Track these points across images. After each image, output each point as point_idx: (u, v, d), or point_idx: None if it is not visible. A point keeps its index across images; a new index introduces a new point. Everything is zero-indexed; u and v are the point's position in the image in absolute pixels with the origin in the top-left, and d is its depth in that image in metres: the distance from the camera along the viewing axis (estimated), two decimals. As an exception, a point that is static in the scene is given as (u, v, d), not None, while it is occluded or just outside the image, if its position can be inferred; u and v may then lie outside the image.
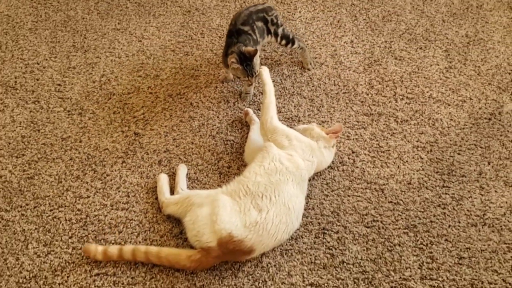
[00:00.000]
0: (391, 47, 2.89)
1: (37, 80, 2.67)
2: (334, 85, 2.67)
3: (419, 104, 2.58)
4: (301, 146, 2.15)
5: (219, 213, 1.91)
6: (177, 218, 2.09)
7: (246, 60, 2.25)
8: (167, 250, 1.96)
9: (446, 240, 2.08)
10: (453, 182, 2.27)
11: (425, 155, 2.37)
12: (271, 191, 1.97)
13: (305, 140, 2.18)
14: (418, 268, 1.99)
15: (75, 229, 2.09)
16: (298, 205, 2.02)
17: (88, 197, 2.20)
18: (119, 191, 2.22)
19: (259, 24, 2.46)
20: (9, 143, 2.39)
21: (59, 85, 2.65)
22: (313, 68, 2.71)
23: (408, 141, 2.42)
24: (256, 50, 2.24)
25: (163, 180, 2.20)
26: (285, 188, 1.99)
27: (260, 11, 2.48)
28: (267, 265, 1.99)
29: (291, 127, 2.27)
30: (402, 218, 2.14)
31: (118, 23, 3.02)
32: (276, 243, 1.99)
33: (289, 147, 2.13)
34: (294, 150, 2.13)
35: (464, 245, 2.06)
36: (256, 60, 2.27)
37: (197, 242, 1.93)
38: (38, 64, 2.76)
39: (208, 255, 1.89)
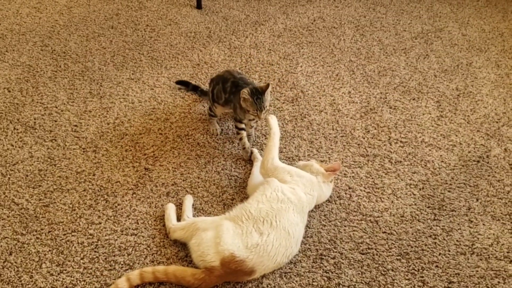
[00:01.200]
0: (386, 98, 3.10)
1: (55, 121, 2.86)
2: (332, 129, 2.85)
3: (412, 148, 2.76)
4: (302, 181, 2.30)
5: (222, 236, 2.05)
6: (183, 243, 2.22)
7: (257, 94, 2.41)
8: (174, 267, 2.09)
9: (436, 266, 2.20)
10: (443, 216, 2.41)
11: (418, 192, 2.52)
12: (272, 216, 2.11)
13: (305, 175, 2.34)
14: (410, 290, 2.10)
15: (87, 251, 2.22)
16: (297, 232, 2.15)
17: (100, 223, 2.34)
18: (129, 219, 2.36)
19: None
20: (27, 176, 2.55)
21: (75, 126, 2.83)
22: None
23: (402, 179, 2.58)
24: (268, 85, 2.43)
25: (171, 209, 2.35)
26: (286, 215, 2.13)
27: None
28: (267, 286, 2.10)
29: (291, 165, 2.43)
30: (395, 246, 2.27)
31: (132, 74, 3.24)
32: (275, 266, 2.11)
33: (291, 182, 2.29)
34: (296, 184, 2.28)
35: (454, 271, 2.18)
36: (267, 95, 2.45)
37: (201, 262, 2.05)
38: (57, 107, 2.96)
39: (211, 274, 2.01)
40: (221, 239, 2.04)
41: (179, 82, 3.13)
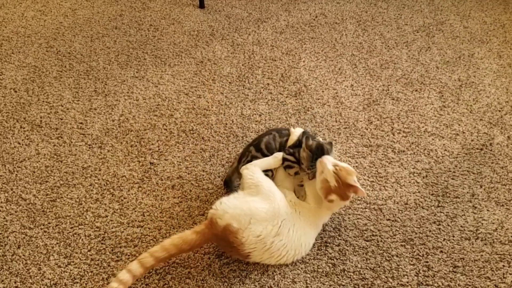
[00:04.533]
0: (388, 90, 3.11)
1: (61, 119, 2.89)
2: (336, 121, 2.87)
3: (415, 137, 2.77)
4: None
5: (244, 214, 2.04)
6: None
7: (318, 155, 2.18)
8: (168, 240, 2.04)
9: (441, 251, 2.21)
10: (447, 203, 2.42)
11: (421, 180, 2.53)
12: (291, 223, 2.11)
13: None
14: (415, 275, 2.12)
15: (94, 244, 2.24)
16: (308, 243, 2.17)
17: (106, 216, 2.36)
18: (135, 211, 2.38)
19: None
20: (34, 172, 2.58)
21: (81, 123, 2.87)
22: None
23: (405, 168, 2.59)
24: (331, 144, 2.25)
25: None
26: (302, 225, 2.15)
27: None
28: (273, 273, 2.12)
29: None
30: (399, 233, 2.28)
31: (137, 72, 3.28)
32: (276, 262, 2.13)
33: None
34: None
35: (459, 256, 2.19)
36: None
37: (213, 211, 2.08)
38: (62, 106, 2.99)
39: (211, 228, 2.03)
40: (241, 216, 2.02)
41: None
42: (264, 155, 2.33)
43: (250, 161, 2.29)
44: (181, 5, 4.02)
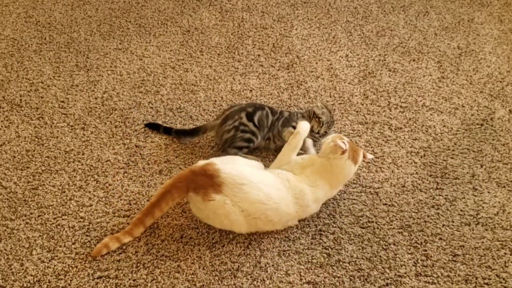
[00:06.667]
0: (385, 60, 2.97)
1: (42, 98, 2.75)
2: (330, 96, 2.75)
3: (412, 113, 2.65)
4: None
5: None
6: (177, 224, 2.14)
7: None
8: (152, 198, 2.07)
9: (440, 238, 2.12)
10: (446, 185, 2.32)
11: (419, 160, 2.43)
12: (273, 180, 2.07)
13: None
14: (413, 265, 2.04)
15: (78, 236, 2.15)
16: (282, 203, 2.05)
17: (91, 205, 2.26)
18: (121, 199, 2.28)
19: None
20: (14, 157, 2.46)
21: (62, 102, 2.73)
22: None
23: (402, 147, 2.49)
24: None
25: None
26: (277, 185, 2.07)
27: None
28: (265, 265, 2.04)
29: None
30: (396, 219, 2.19)
31: (120, 43, 3.12)
32: (245, 211, 2.00)
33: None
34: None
35: (458, 243, 2.11)
36: None
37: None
38: (43, 83, 2.85)
39: (189, 169, 2.04)
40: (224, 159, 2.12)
41: (149, 125, 2.63)
42: (255, 127, 2.40)
43: (238, 127, 2.38)
44: (166, -32, 3.82)
